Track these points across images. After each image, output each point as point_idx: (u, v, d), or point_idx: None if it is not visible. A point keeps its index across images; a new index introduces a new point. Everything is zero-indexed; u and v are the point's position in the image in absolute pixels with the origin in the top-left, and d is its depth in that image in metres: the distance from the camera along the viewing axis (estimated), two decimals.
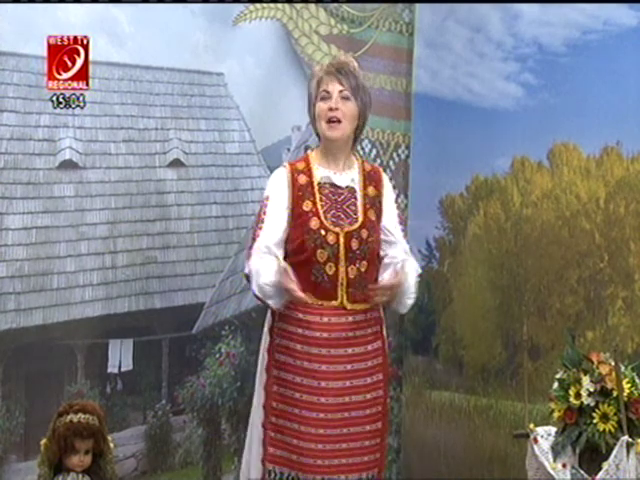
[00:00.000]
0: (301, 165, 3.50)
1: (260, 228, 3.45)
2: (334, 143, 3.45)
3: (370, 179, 3.51)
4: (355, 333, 3.42)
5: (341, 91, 3.42)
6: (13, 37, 4.01)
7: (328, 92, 3.43)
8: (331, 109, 3.41)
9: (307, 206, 3.42)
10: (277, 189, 3.47)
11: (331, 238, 3.38)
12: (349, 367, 3.40)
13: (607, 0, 4.17)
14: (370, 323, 3.46)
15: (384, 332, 3.52)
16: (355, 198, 3.47)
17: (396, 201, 3.67)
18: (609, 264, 4.21)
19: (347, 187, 3.48)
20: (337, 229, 3.39)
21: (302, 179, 3.46)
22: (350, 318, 3.41)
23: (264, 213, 3.45)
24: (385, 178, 3.59)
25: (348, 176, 3.48)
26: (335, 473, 3.35)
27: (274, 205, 3.45)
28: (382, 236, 3.49)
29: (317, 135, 3.55)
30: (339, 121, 3.41)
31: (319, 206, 3.42)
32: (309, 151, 3.62)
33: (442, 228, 4.86)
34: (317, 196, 3.44)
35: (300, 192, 3.44)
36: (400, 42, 4.85)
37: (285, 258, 3.41)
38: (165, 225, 4.38)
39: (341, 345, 3.40)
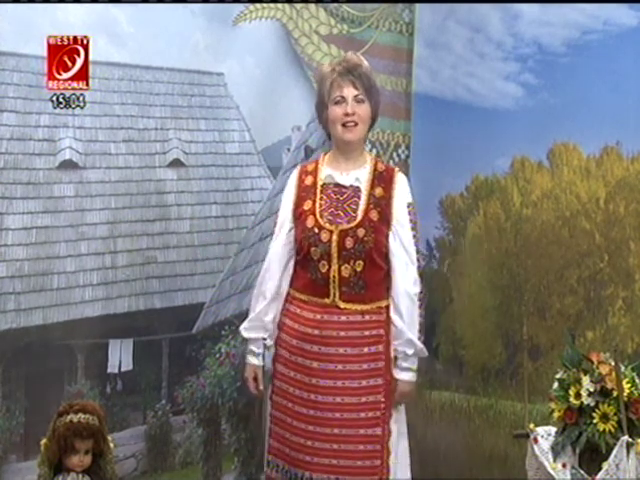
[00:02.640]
0: (311, 167, 3.52)
1: (274, 233, 3.53)
2: (349, 145, 3.45)
3: (380, 179, 3.47)
4: (348, 333, 3.40)
5: (356, 95, 3.41)
6: (13, 37, 4.01)
7: (343, 97, 3.41)
8: (347, 114, 3.40)
9: (307, 205, 3.43)
10: (286, 192, 3.52)
11: (324, 236, 3.38)
12: (341, 367, 3.38)
13: (607, 0, 4.17)
14: (368, 325, 3.42)
15: (390, 336, 3.47)
16: (358, 197, 3.45)
17: (409, 205, 3.48)
18: (609, 264, 4.20)
19: (351, 186, 3.47)
20: (331, 227, 3.39)
21: (308, 180, 3.48)
22: (343, 317, 3.40)
23: (277, 217, 3.51)
24: (399, 179, 3.49)
25: (353, 175, 3.47)
26: (325, 472, 3.34)
27: (282, 207, 3.50)
28: (391, 236, 3.46)
29: (328, 136, 3.55)
30: (356, 124, 3.41)
31: (317, 205, 3.43)
32: (322, 153, 3.61)
33: (442, 228, 4.86)
34: (318, 195, 3.44)
35: (304, 192, 3.46)
36: (400, 42, 4.85)
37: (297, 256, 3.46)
38: (165, 225, 4.38)
39: (333, 344, 3.39)
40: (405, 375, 3.42)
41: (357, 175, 3.47)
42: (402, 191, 3.49)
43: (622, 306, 4.15)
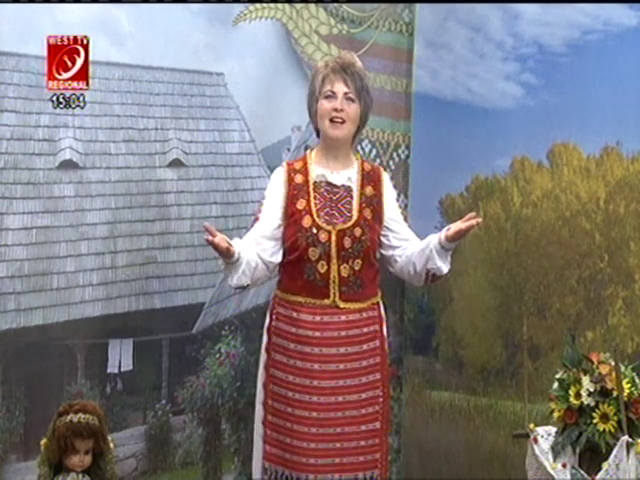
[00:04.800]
0: (299, 164, 3.52)
1: (253, 227, 3.49)
2: (335, 142, 3.46)
3: (369, 179, 3.51)
4: (348, 332, 3.42)
5: (346, 93, 3.42)
6: (13, 37, 4.00)
7: (333, 92, 3.42)
8: (336, 110, 3.40)
9: (301, 204, 3.43)
10: (273, 188, 3.50)
11: (323, 236, 3.38)
12: (342, 366, 3.40)
13: (607, 0, 4.17)
14: (366, 322, 3.45)
15: (384, 331, 3.51)
16: (351, 197, 3.47)
17: (397, 200, 3.65)
18: (609, 264, 4.20)
19: (343, 186, 3.48)
20: (329, 227, 3.39)
21: (298, 178, 3.48)
22: (343, 317, 3.42)
23: (259, 211, 3.49)
24: (385, 177, 3.57)
25: (345, 175, 3.48)
26: (328, 472, 3.36)
27: (268, 204, 3.48)
28: (389, 234, 3.48)
29: (316, 132, 3.56)
30: (343, 122, 3.41)
31: (312, 204, 3.43)
32: (308, 151, 3.62)
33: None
34: (311, 195, 3.44)
35: (295, 191, 3.45)
36: (400, 42, 4.85)
37: (283, 256, 3.43)
38: (165, 225, 4.38)
39: (334, 344, 3.40)
40: None
41: (348, 175, 3.48)
42: (390, 189, 3.59)
43: (622, 306, 4.15)
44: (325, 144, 3.49)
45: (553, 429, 3.44)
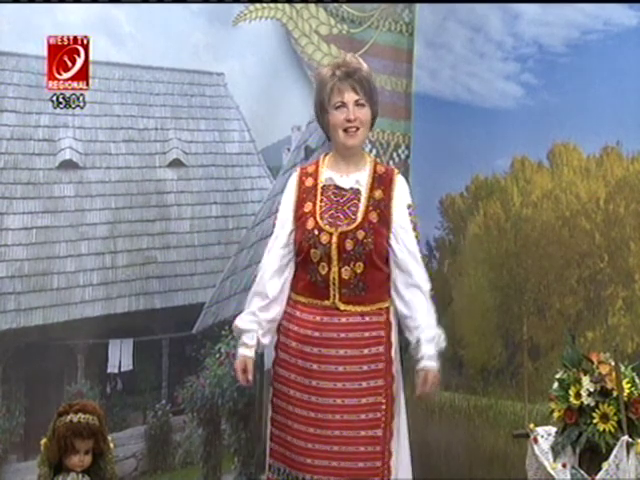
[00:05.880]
0: (311, 168, 3.52)
1: (272, 233, 3.51)
2: (351, 150, 3.45)
3: (380, 182, 3.47)
4: (348, 335, 3.40)
5: (357, 100, 3.41)
6: (13, 37, 4.01)
7: (344, 102, 3.40)
8: (349, 120, 3.40)
9: (307, 207, 3.43)
10: (286, 193, 3.51)
11: (324, 238, 3.38)
12: (341, 369, 3.38)
13: (607, 0, 4.17)
14: (369, 327, 3.42)
15: (392, 338, 3.46)
16: (358, 200, 3.45)
17: (409, 207, 3.48)
18: (609, 264, 4.21)
19: (351, 189, 3.46)
20: (332, 229, 3.38)
21: (309, 182, 3.47)
22: (343, 319, 3.40)
23: (276, 218, 3.50)
24: (398, 181, 3.49)
25: (353, 177, 3.47)
26: (325, 474, 3.34)
27: (282, 210, 3.49)
28: (395, 246, 3.45)
29: (328, 138, 3.55)
30: (357, 129, 3.41)
31: (318, 207, 3.42)
32: (322, 155, 3.60)
33: (442, 228, 4.86)
34: (318, 198, 3.44)
35: (304, 194, 3.45)
36: (400, 42, 4.85)
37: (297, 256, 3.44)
38: (165, 225, 4.38)
39: (333, 346, 3.38)
40: (433, 363, 3.43)
41: (357, 177, 3.47)
42: (401, 193, 3.48)
43: (622, 306, 4.15)
44: (339, 150, 3.49)
45: (553, 429, 3.44)
